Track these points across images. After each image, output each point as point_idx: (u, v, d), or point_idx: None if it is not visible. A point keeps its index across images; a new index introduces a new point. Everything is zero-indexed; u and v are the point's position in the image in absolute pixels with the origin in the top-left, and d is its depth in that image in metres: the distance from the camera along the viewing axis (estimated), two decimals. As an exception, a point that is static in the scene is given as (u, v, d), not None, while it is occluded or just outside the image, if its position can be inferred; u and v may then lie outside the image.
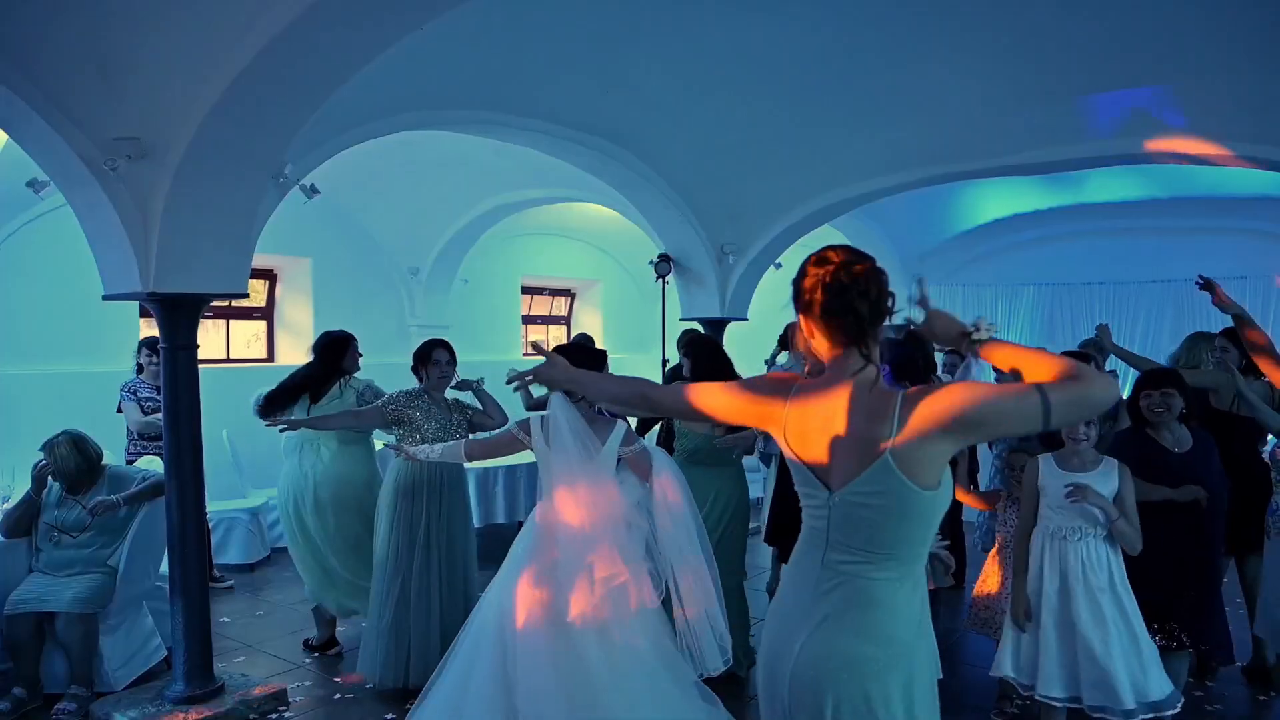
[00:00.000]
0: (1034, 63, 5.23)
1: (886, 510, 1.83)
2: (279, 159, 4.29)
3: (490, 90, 5.27)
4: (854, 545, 1.88)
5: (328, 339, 5.20)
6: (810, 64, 5.38)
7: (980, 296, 10.47)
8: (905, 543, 1.87)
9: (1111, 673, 3.35)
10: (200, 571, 4.36)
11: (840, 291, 1.87)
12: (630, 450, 3.65)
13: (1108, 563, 3.50)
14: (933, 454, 1.81)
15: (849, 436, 1.87)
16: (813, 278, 1.91)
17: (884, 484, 1.82)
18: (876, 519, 1.84)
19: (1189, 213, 8.81)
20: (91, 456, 4.59)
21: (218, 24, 3.57)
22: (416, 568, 4.51)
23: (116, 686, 4.49)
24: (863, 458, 1.84)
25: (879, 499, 1.83)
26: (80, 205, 4.12)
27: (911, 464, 1.80)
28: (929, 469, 1.82)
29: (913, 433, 1.79)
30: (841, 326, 1.90)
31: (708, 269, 7.48)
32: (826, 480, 1.92)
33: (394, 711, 4.35)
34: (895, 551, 1.87)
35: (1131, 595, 3.52)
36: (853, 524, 1.87)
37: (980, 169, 6.66)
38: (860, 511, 1.85)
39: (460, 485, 4.77)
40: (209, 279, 4.23)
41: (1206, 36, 4.76)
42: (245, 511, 6.86)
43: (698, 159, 6.64)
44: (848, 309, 1.88)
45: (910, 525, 1.86)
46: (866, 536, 1.86)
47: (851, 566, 1.88)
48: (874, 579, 1.87)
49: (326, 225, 8.53)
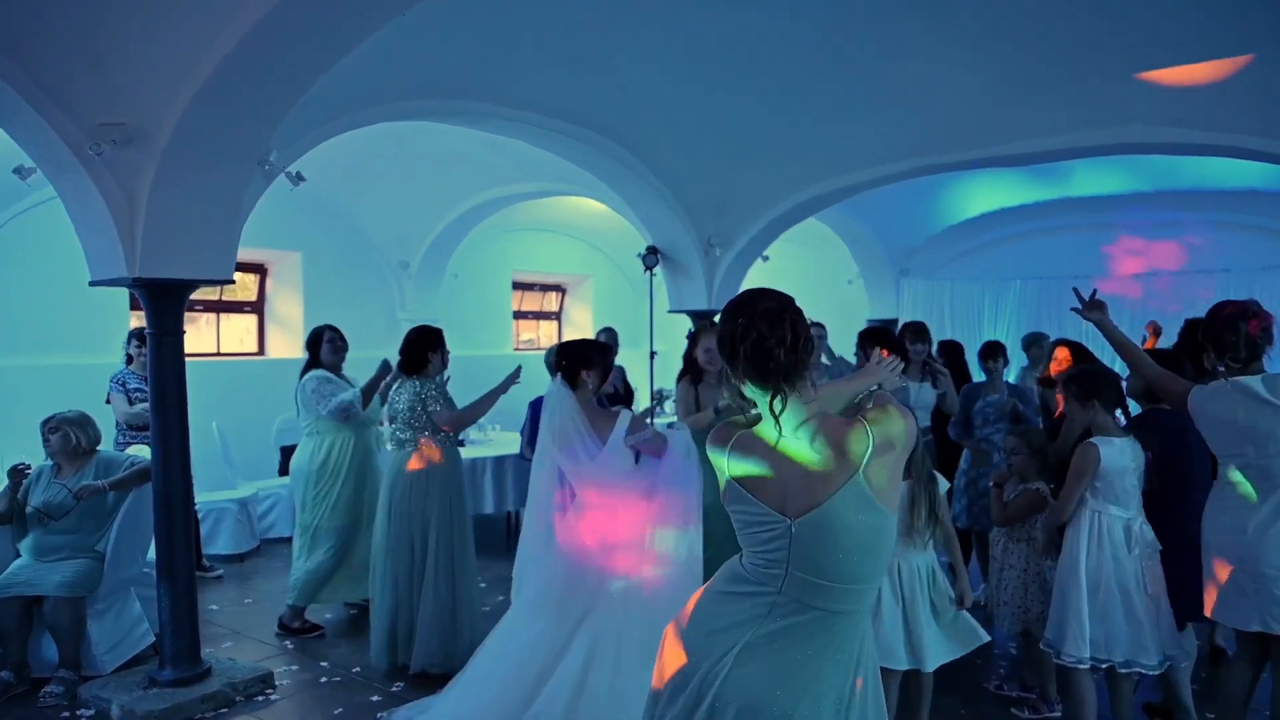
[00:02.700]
0: (1021, 54, 5.28)
1: (854, 532, 1.86)
2: (264, 145, 4.33)
3: (476, 81, 5.31)
4: (819, 575, 1.88)
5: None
6: (797, 56, 5.42)
7: (968, 291, 10.54)
8: (866, 573, 1.90)
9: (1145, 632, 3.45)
10: (187, 555, 4.39)
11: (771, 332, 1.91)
12: (639, 439, 3.67)
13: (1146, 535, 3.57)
14: (891, 473, 1.88)
15: (805, 466, 1.88)
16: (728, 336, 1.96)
17: (853, 502, 1.85)
18: (843, 543, 1.86)
19: (1174, 206, 8.89)
20: (92, 435, 4.73)
21: (202, 10, 3.60)
22: (416, 557, 4.57)
23: (104, 670, 4.52)
24: (829, 482, 1.86)
25: (843, 519, 1.85)
26: (66, 191, 4.15)
27: (879, 486, 1.86)
28: (891, 492, 1.89)
29: (881, 453, 1.84)
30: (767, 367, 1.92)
31: (695, 261, 7.53)
32: (782, 509, 1.91)
33: (379, 694, 4.39)
34: (857, 581, 1.89)
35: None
36: (818, 551, 1.88)
37: (967, 160, 6.70)
38: (825, 537, 1.86)
39: (453, 477, 4.78)
40: (195, 265, 4.27)
41: (1194, 26, 4.80)
42: (234, 502, 6.90)
43: (684, 151, 6.69)
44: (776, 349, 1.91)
45: (876, 548, 1.89)
46: (832, 563, 1.87)
47: (813, 598, 1.89)
48: (836, 612, 1.89)
49: (316, 219, 8.58)
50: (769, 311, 1.91)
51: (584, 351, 3.84)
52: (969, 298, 10.49)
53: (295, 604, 5.25)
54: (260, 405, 7.71)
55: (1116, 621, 3.46)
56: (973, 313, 10.45)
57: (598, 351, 3.87)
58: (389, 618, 4.60)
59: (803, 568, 1.89)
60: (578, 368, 3.76)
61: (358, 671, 4.68)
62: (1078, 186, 8.83)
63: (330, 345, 5.45)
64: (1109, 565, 3.48)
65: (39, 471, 4.68)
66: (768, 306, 1.92)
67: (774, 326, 1.90)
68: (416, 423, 4.64)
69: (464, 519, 4.76)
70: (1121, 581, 3.48)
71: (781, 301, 1.95)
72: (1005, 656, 4.80)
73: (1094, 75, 5.46)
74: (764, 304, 1.93)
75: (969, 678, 4.55)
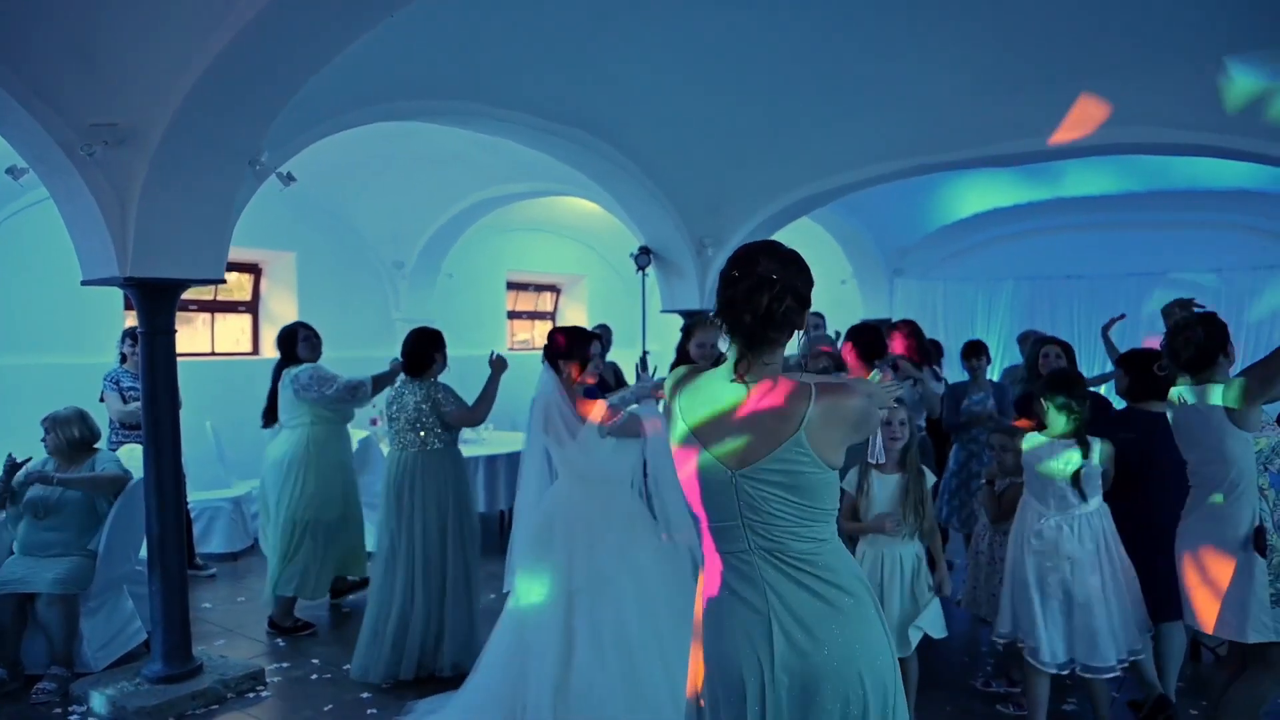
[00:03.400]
0: (1012, 53, 5.31)
1: (791, 485, 1.89)
2: (255, 146, 4.35)
3: (467, 81, 5.33)
4: (769, 521, 1.92)
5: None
6: (788, 56, 5.45)
7: (961, 290, 10.57)
8: (811, 516, 1.92)
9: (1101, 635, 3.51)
10: (179, 552, 4.42)
11: (746, 296, 1.93)
12: (616, 425, 3.71)
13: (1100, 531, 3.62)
14: (836, 439, 1.91)
15: (757, 419, 1.92)
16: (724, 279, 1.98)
17: (794, 460, 1.88)
18: (780, 494, 1.90)
19: (1166, 206, 8.93)
20: (91, 431, 4.80)
21: (194, 11, 3.63)
22: (431, 558, 4.56)
23: (96, 667, 4.55)
24: (776, 435, 1.89)
25: (785, 475, 1.89)
26: (58, 191, 4.18)
27: (820, 444, 1.88)
28: (833, 453, 1.91)
29: (822, 419, 1.88)
30: (736, 328, 1.95)
31: (687, 261, 7.55)
32: (725, 461, 1.94)
33: (370, 690, 4.42)
34: (813, 521, 1.92)
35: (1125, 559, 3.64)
36: (759, 501, 1.91)
37: (959, 160, 6.71)
38: (765, 487, 1.90)
39: (463, 477, 4.79)
40: (186, 265, 4.30)
41: (1186, 26, 4.83)
42: (228, 501, 6.93)
43: (676, 150, 6.71)
44: (744, 313, 1.93)
45: (820, 495, 1.92)
46: (776, 510, 1.91)
47: (775, 540, 1.92)
48: (803, 544, 1.92)
49: (311, 219, 8.60)
50: (756, 277, 1.91)
51: (563, 343, 3.92)
52: (962, 297, 10.53)
53: (285, 595, 5.24)
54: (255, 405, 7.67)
55: (1054, 621, 3.54)
56: (966, 312, 10.49)
57: (578, 341, 3.92)
58: (398, 621, 4.51)
59: (753, 516, 1.92)
60: (556, 357, 3.89)
61: (349, 669, 4.70)
62: (1070, 187, 8.86)
63: (307, 343, 5.41)
64: (1040, 563, 3.55)
65: (40, 464, 4.74)
66: (760, 270, 1.91)
67: (752, 293, 1.91)
68: (426, 422, 4.65)
69: (475, 518, 4.81)
70: (1061, 582, 3.54)
71: (775, 271, 1.92)
72: (993, 654, 4.82)
73: (1085, 75, 5.49)
74: (760, 265, 1.92)
75: (955, 675, 4.60)
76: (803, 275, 1.97)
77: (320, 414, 5.35)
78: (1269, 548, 3.16)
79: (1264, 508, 3.19)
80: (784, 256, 1.96)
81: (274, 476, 5.38)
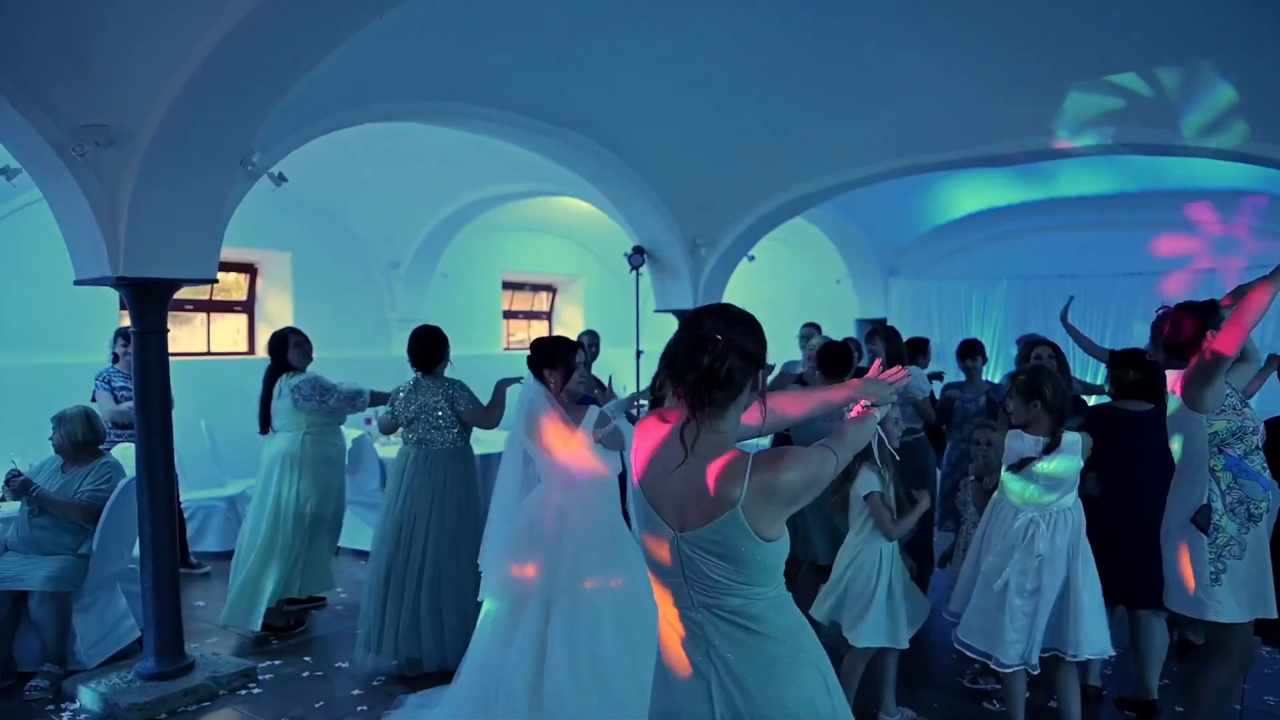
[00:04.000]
0: (1004, 54, 5.33)
1: (729, 557, 1.89)
2: (246, 146, 4.38)
3: (458, 81, 5.36)
4: (710, 583, 1.92)
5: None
6: (781, 55, 5.47)
7: (955, 290, 10.60)
8: (751, 581, 1.92)
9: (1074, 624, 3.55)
10: (171, 550, 4.45)
11: (687, 356, 1.91)
12: (604, 432, 3.75)
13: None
14: (773, 515, 1.89)
15: (697, 488, 1.90)
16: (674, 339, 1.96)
17: (731, 534, 1.87)
18: (720, 562, 1.90)
19: (1159, 206, 8.96)
20: (97, 433, 4.86)
21: (184, 13, 3.66)
22: (443, 553, 4.59)
23: (89, 665, 4.58)
24: (712, 509, 1.88)
25: (722, 547, 1.88)
26: (51, 191, 4.21)
27: (757, 520, 1.87)
28: (772, 527, 1.90)
29: (758, 496, 1.86)
30: (685, 389, 1.92)
31: (680, 261, 7.59)
32: (669, 520, 1.95)
33: (360, 688, 4.45)
34: (753, 585, 1.92)
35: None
36: (701, 564, 1.91)
37: (951, 160, 6.74)
38: (705, 555, 1.90)
39: (474, 474, 4.82)
40: (178, 264, 4.33)
41: (1182, 26, 4.85)
42: (223, 500, 6.95)
43: (668, 150, 6.74)
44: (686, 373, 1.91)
45: (763, 565, 1.92)
46: (716, 575, 1.91)
47: (716, 600, 1.93)
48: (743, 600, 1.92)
49: (306, 219, 8.63)
50: (698, 338, 1.90)
51: (547, 350, 3.95)
52: (956, 297, 10.56)
53: (288, 596, 5.26)
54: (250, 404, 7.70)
55: (1018, 621, 3.54)
56: (960, 312, 10.51)
57: (563, 350, 3.95)
58: (411, 614, 4.55)
59: (695, 576, 1.93)
60: (541, 365, 3.91)
61: (341, 666, 4.73)
62: (1064, 187, 8.90)
63: (298, 349, 5.39)
64: (1008, 561, 3.56)
65: (44, 463, 4.86)
66: (704, 331, 1.91)
67: (694, 353, 1.89)
68: (445, 420, 4.69)
69: (480, 517, 4.83)
70: (1032, 578, 3.55)
71: (719, 330, 1.90)
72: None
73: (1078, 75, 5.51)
74: (705, 327, 1.92)
75: (942, 672, 4.63)
76: (753, 335, 1.95)
77: (317, 419, 5.37)
78: (1214, 527, 3.23)
79: (1215, 488, 3.25)
80: (732, 317, 1.96)
81: (274, 475, 5.34)
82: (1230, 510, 3.23)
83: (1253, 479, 3.22)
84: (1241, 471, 3.22)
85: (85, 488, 4.71)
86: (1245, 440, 3.23)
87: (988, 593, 3.63)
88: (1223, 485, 3.25)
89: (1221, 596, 3.20)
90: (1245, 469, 3.22)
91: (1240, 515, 3.22)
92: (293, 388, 5.29)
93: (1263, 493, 3.23)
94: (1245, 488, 3.22)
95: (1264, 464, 3.28)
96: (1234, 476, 3.24)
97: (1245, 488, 3.22)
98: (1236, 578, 3.19)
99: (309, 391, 5.25)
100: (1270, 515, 3.29)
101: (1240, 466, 3.22)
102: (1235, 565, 3.20)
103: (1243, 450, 3.23)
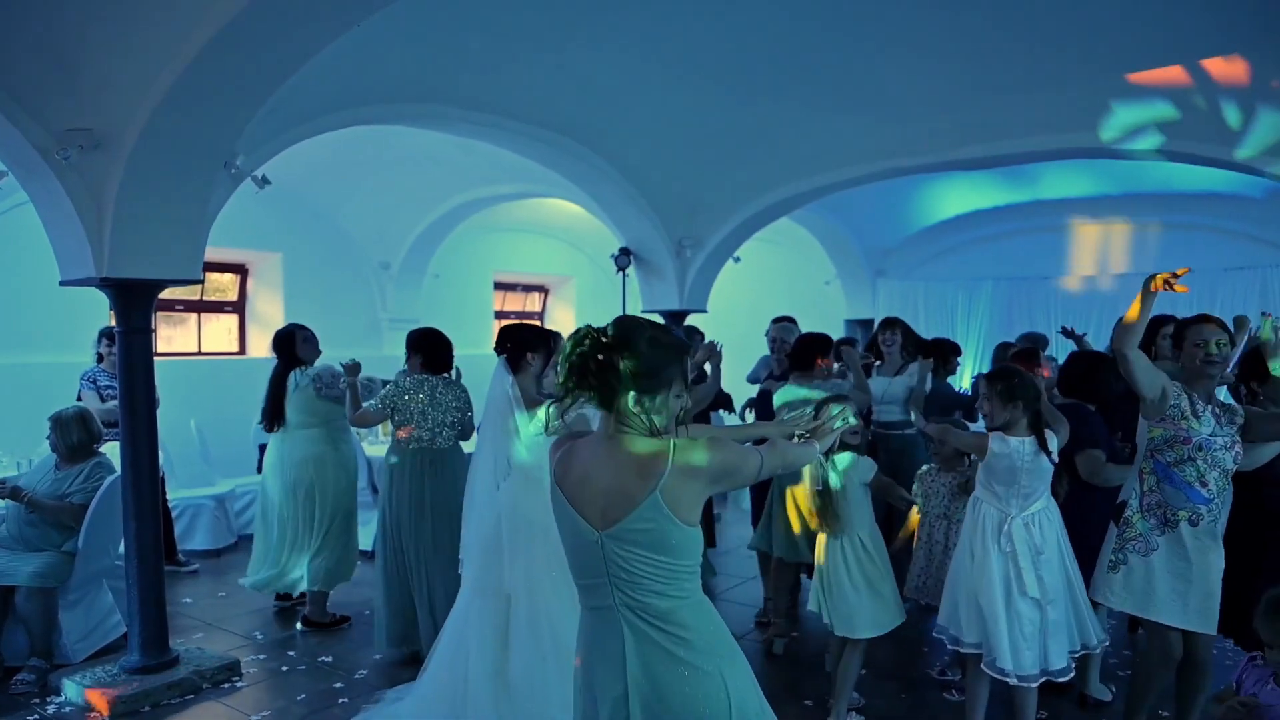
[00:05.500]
0: (990, 58, 5.41)
1: (653, 545, 1.99)
2: (230, 149, 4.45)
3: (440, 84, 5.42)
4: (634, 580, 2.01)
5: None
6: (765, 57, 5.53)
7: (942, 291, 10.68)
8: (673, 574, 2.02)
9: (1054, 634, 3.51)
10: (155, 546, 4.52)
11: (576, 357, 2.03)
12: (570, 420, 3.78)
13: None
14: (691, 496, 2.00)
15: (618, 481, 2.01)
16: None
17: (653, 520, 1.97)
18: (644, 553, 2.00)
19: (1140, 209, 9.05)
20: (90, 434, 4.91)
21: (167, 17, 3.72)
22: (438, 551, 4.64)
23: (76, 659, 4.65)
24: (635, 494, 1.98)
25: (646, 535, 1.98)
26: (36, 194, 4.28)
27: (676, 502, 1.97)
28: (691, 511, 2.01)
29: (680, 474, 1.97)
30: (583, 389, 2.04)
31: (666, 262, 7.67)
32: (591, 520, 2.05)
33: (342, 681, 4.53)
34: (670, 579, 2.03)
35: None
36: (624, 559, 2.01)
37: (936, 162, 6.82)
38: (629, 548, 2.00)
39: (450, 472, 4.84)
40: (162, 265, 4.40)
41: (1162, 30, 4.93)
42: (211, 498, 7.02)
43: (653, 152, 6.81)
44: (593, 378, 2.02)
45: (682, 553, 2.02)
46: (640, 570, 2.01)
47: (638, 599, 2.02)
48: (665, 603, 2.02)
49: (297, 220, 8.70)
50: (593, 341, 2.01)
51: (527, 335, 3.93)
52: (943, 298, 10.64)
53: (325, 589, 5.34)
54: (240, 404, 7.81)
55: (1019, 625, 3.45)
56: (946, 312, 10.60)
57: (541, 335, 3.97)
58: (422, 602, 4.64)
59: (619, 575, 2.02)
60: (522, 350, 3.84)
61: (325, 661, 4.81)
62: (1047, 189, 8.98)
63: (307, 343, 5.45)
64: (1010, 563, 3.52)
65: (43, 461, 4.92)
66: (606, 335, 2.02)
67: (586, 356, 2.01)
68: (459, 420, 4.80)
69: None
70: (1002, 576, 3.51)
71: (613, 332, 2.02)
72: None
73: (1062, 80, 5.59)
74: (607, 330, 2.03)
75: (912, 664, 4.70)
76: (654, 343, 2.03)
77: (335, 411, 5.41)
78: (1125, 521, 3.42)
79: (1137, 487, 3.43)
80: (631, 324, 2.07)
81: (306, 472, 5.37)
82: (1146, 510, 3.38)
83: (1177, 488, 3.32)
84: (1167, 478, 3.34)
85: (75, 488, 4.78)
86: (1176, 449, 3.31)
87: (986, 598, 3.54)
88: (1144, 486, 3.41)
89: (1114, 584, 3.41)
90: (1172, 476, 3.33)
91: (1155, 517, 3.36)
92: (313, 378, 5.35)
93: (1186, 502, 3.31)
94: (1165, 493, 3.35)
95: (1199, 477, 3.30)
96: (1158, 480, 3.37)
97: (1165, 493, 3.35)
98: (1133, 572, 3.37)
99: (330, 379, 5.32)
100: (1210, 525, 3.33)
101: (1167, 473, 3.34)
102: (1136, 560, 3.36)
103: (1173, 458, 3.33)
